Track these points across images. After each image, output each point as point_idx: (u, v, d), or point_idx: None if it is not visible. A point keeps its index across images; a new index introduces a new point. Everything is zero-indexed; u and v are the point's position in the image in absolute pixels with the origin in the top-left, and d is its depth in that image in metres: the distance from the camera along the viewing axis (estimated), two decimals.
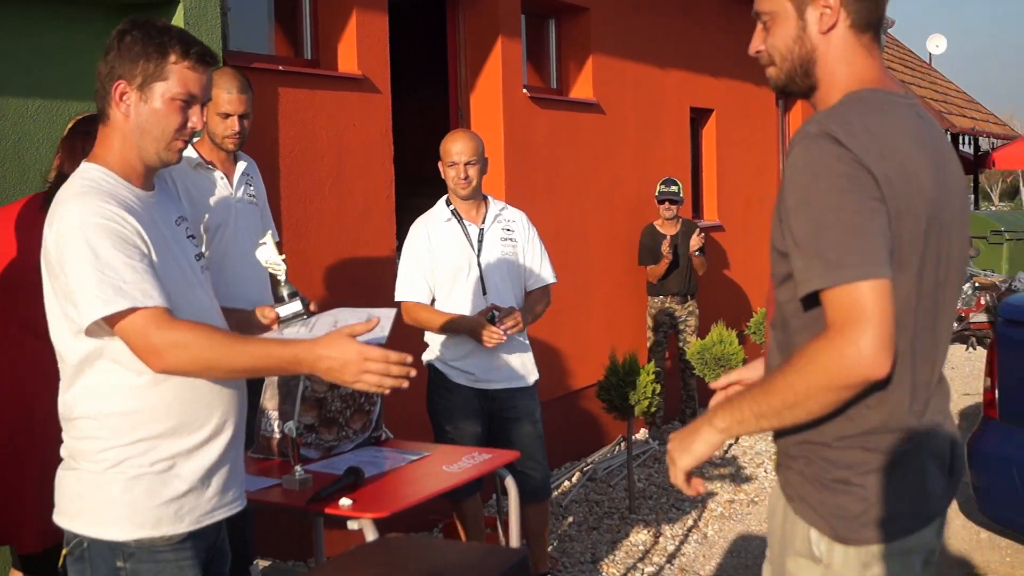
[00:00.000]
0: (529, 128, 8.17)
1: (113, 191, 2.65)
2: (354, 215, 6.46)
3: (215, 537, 2.89)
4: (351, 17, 6.58)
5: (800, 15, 2.45)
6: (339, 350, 2.60)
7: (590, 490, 7.92)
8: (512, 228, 5.41)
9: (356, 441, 4.16)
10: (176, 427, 2.69)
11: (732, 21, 11.56)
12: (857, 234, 2.13)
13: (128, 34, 2.68)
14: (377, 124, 6.72)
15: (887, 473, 2.27)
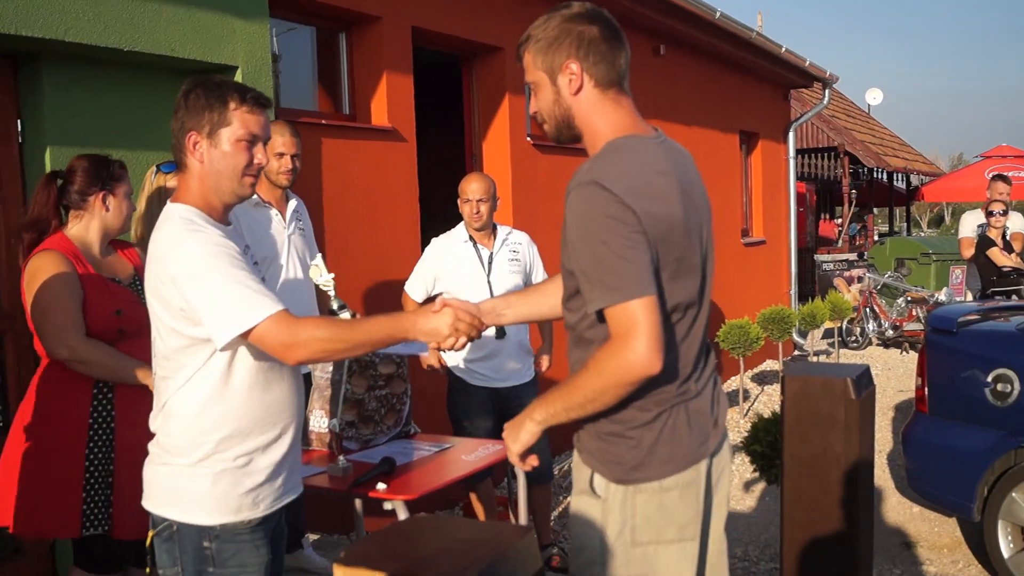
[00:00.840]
0: (533, 170, 8.20)
1: (206, 224, 2.66)
2: (384, 244, 6.49)
3: (279, 518, 2.90)
4: (382, 78, 6.62)
5: (553, 82, 2.55)
6: (433, 320, 2.67)
7: None
8: (518, 249, 5.44)
9: (389, 435, 4.17)
10: (252, 428, 2.70)
11: (701, 81, 11.63)
12: (626, 262, 2.27)
13: (192, 92, 2.68)
14: (404, 168, 6.75)
15: (650, 428, 2.42)
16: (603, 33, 2.53)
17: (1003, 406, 5.35)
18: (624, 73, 2.58)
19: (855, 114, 23.36)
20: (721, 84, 12.26)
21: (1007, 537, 5.36)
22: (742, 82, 12.97)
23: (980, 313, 6.15)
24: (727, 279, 12.18)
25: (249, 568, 2.72)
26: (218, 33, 5.15)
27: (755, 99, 13.58)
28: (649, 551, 2.44)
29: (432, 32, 7.09)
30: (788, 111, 15.15)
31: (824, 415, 4.21)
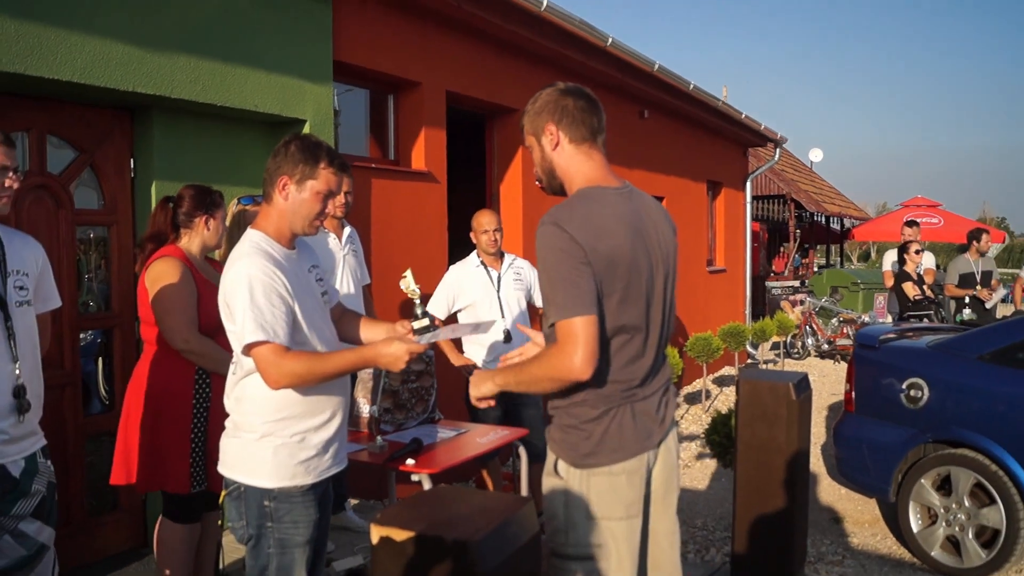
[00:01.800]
0: (541, 208, 8.19)
1: (268, 250, 2.71)
2: (420, 264, 6.47)
3: (327, 485, 2.92)
4: (421, 130, 6.64)
5: (539, 142, 2.61)
6: (391, 348, 2.67)
7: None
8: (520, 273, 5.44)
9: (418, 420, 4.18)
10: (307, 411, 2.74)
11: (677, 139, 11.63)
12: (572, 286, 2.32)
13: (292, 144, 2.76)
14: (436, 203, 6.76)
15: (599, 423, 2.45)
16: (577, 103, 2.58)
17: (915, 408, 5.34)
18: (596, 132, 2.60)
19: (800, 168, 23.32)
20: (693, 142, 12.27)
21: (916, 515, 5.33)
22: (710, 140, 12.98)
23: (897, 332, 6.14)
24: (694, 300, 12.16)
25: (300, 524, 2.75)
26: (292, 93, 5.19)
27: (720, 154, 13.59)
28: (603, 524, 2.46)
29: (462, 95, 7.12)
30: (746, 165, 15.14)
31: (770, 412, 4.21)
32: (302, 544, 2.76)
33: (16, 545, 2.70)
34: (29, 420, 2.74)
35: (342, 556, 4.52)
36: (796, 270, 21.11)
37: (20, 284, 2.78)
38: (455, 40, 6.92)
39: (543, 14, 7.03)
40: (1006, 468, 4.92)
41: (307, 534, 2.77)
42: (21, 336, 2.73)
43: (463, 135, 8.70)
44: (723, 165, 13.77)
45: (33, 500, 2.75)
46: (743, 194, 14.75)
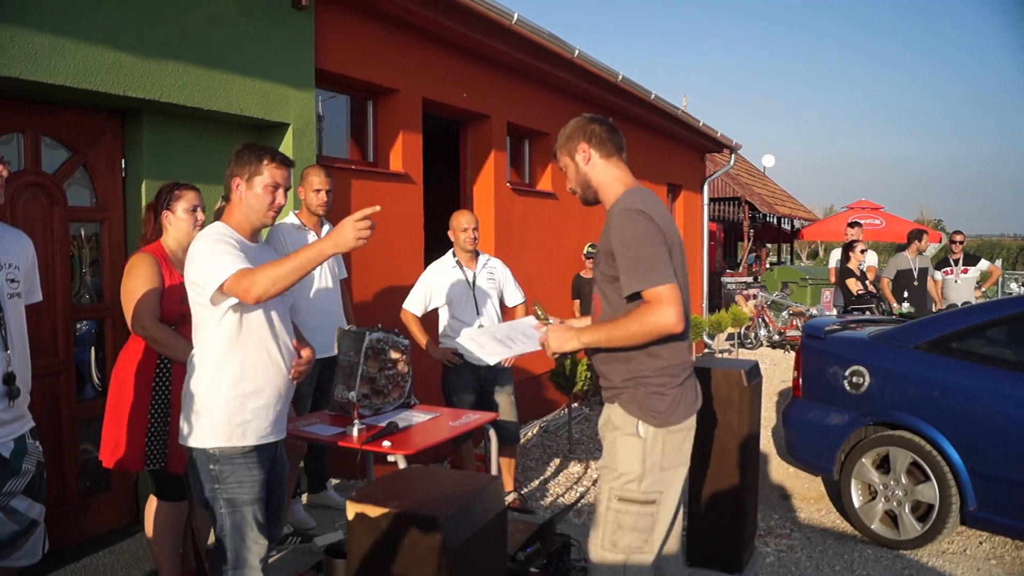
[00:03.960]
0: (510, 209, 8.19)
1: (227, 234, 2.86)
2: (398, 261, 6.47)
3: (273, 452, 2.99)
4: (399, 134, 6.60)
5: (573, 160, 2.93)
6: (336, 231, 2.71)
7: (544, 438, 7.91)
8: (493, 272, 5.42)
9: (395, 405, 4.14)
10: (242, 376, 2.83)
11: (640, 145, 11.64)
12: (659, 261, 2.61)
13: (240, 151, 2.96)
14: (413, 204, 6.73)
15: (678, 389, 2.78)
16: (601, 127, 2.90)
17: (857, 394, 5.38)
18: (620, 148, 2.93)
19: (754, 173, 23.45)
20: (655, 147, 12.29)
21: (857, 491, 5.38)
22: (670, 146, 13.01)
23: (842, 324, 6.19)
24: None
25: (245, 484, 2.84)
26: (276, 98, 5.14)
27: (679, 159, 13.63)
28: (668, 473, 2.77)
29: (438, 102, 7.08)
30: (704, 169, 15.20)
31: (724, 397, 4.21)
32: (250, 502, 2.83)
33: (8, 521, 2.72)
34: (19, 405, 2.75)
35: (324, 532, 4.49)
36: (750, 267, 21.25)
37: (12, 277, 2.78)
38: (431, 50, 6.89)
39: (514, 27, 7.00)
40: (939, 448, 4.97)
41: (253, 493, 2.84)
42: (12, 326, 2.72)
43: (439, 140, 8.67)
44: (682, 169, 13.81)
45: (24, 479, 2.77)
46: (701, 196, 14.81)
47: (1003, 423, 4.73)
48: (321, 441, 3.74)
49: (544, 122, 8.89)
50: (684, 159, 13.92)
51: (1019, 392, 4.73)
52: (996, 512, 4.79)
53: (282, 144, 5.31)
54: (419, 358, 5.29)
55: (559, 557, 3.93)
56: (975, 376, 4.93)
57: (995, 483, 4.77)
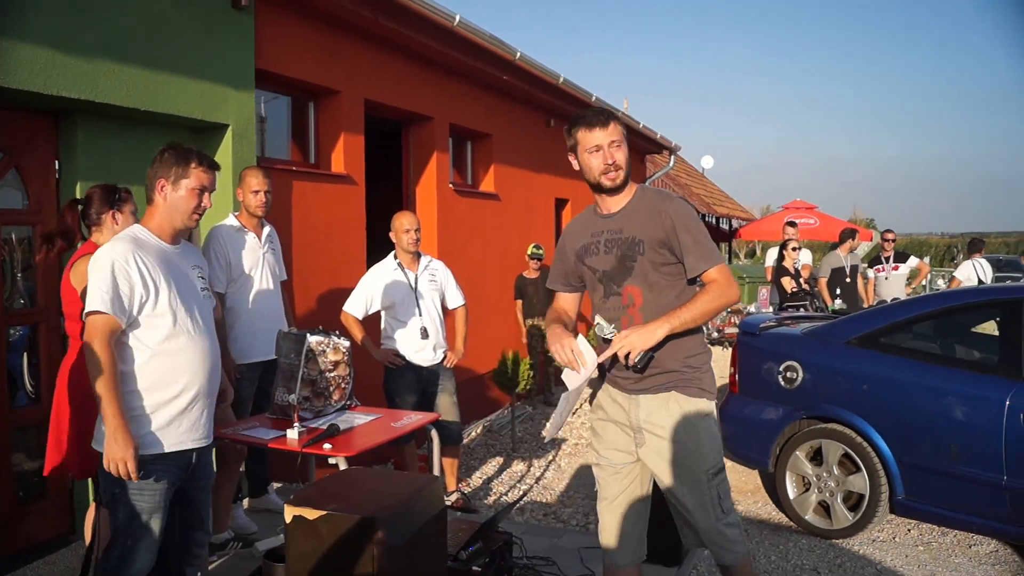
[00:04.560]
0: (453, 210, 8.18)
1: (141, 237, 2.83)
2: (339, 262, 6.41)
3: (188, 460, 2.92)
4: (340, 135, 6.55)
5: (626, 143, 2.93)
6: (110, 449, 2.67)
7: (488, 438, 7.92)
8: (435, 274, 5.41)
9: (336, 407, 4.11)
10: (155, 385, 2.78)
11: None
12: (711, 242, 2.83)
13: (166, 151, 2.92)
14: (355, 205, 6.68)
15: (711, 367, 3.00)
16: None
17: (791, 389, 5.49)
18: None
19: (693, 174, 23.76)
20: None
21: (792, 483, 5.49)
22: None
23: (777, 321, 6.30)
24: None
25: (146, 492, 2.78)
26: (215, 99, 5.06)
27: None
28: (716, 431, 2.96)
29: (380, 104, 7.04)
30: (644, 170, 15.36)
31: None
32: (150, 511, 2.79)
33: None
34: None
35: (265, 537, 4.43)
36: None
37: None
38: (373, 51, 6.84)
39: (455, 29, 7.00)
40: (870, 440, 5.10)
41: (154, 502, 2.79)
42: None
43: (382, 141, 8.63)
44: None
45: None
46: None
47: (929, 414, 4.87)
48: (260, 445, 3.69)
49: (486, 123, 8.90)
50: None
51: (943, 384, 4.87)
52: (923, 500, 4.94)
53: (221, 145, 5.23)
54: (361, 360, 5.26)
55: (501, 555, 3.94)
56: (902, 370, 5.07)
57: (921, 472, 4.91)
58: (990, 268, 10.92)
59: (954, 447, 4.73)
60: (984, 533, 4.87)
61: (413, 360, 5.25)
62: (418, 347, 5.25)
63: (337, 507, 2.04)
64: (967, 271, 10.69)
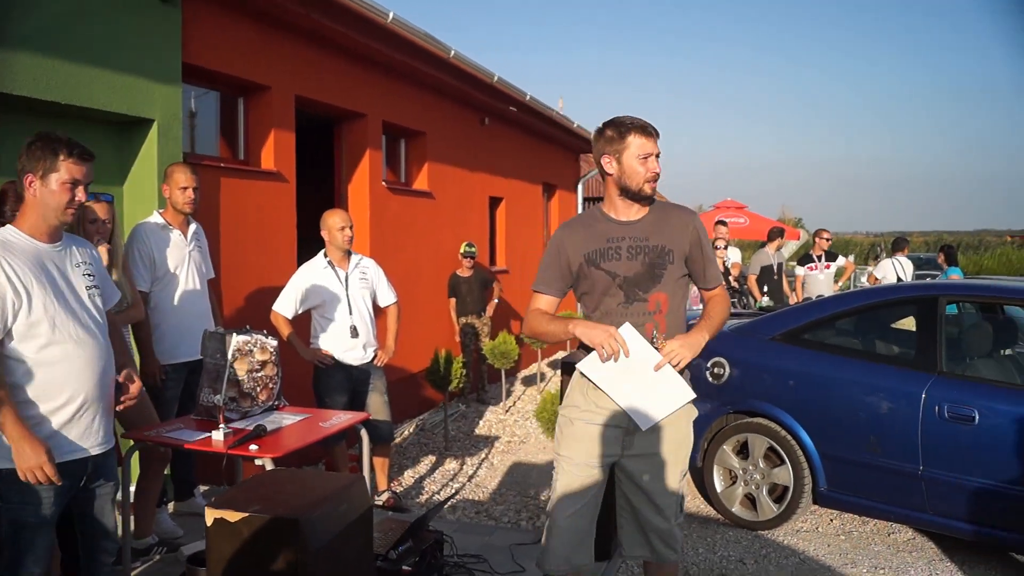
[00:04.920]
0: (386, 208, 8.12)
1: (11, 239, 2.66)
2: (269, 261, 6.32)
3: (83, 470, 2.78)
4: (271, 132, 6.45)
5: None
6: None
7: (421, 436, 7.89)
8: (366, 272, 5.37)
9: (264, 407, 4.04)
10: (38, 396, 2.64)
11: (516, 145, 11.76)
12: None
13: (32, 143, 2.71)
14: (285, 202, 6.58)
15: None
16: None
17: (718, 384, 5.58)
18: None
19: None
20: (530, 147, 12.43)
21: (719, 477, 5.59)
22: (546, 147, 13.19)
23: None
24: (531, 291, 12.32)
25: (30, 505, 2.64)
26: (140, 93, 4.93)
27: (555, 159, 13.83)
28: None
29: (312, 100, 6.95)
30: (578, 169, 15.47)
31: None
32: (35, 525, 2.66)
33: None
34: None
35: (192, 541, 4.34)
36: None
37: None
38: (305, 47, 6.75)
39: (389, 26, 6.94)
40: (794, 434, 5.22)
41: (40, 513, 2.66)
42: None
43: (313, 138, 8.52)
44: (557, 169, 14.02)
45: None
46: (576, 196, 15.07)
47: (849, 408, 5.01)
48: (184, 447, 3.61)
49: (421, 122, 8.85)
50: (559, 159, 14.12)
51: (863, 379, 5.01)
52: (844, 491, 5.07)
53: (147, 141, 5.11)
54: (290, 360, 5.19)
55: (432, 554, 3.92)
56: (824, 365, 5.20)
57: (842, 464, 5.04)
58: (911, 266, 11.28)
59: (873, 439, 4.87)
60: (902, 521, 5.03)
61: (343, 359, 5.20)
62: (348, 346, 5.20)
63: (259, 508, 2.01)
64: (886, 269, 11.02)
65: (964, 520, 4.62)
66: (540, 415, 6.28)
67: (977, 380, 4.80)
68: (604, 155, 2.93)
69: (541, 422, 6.34)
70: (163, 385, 4.40)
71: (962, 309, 6.30)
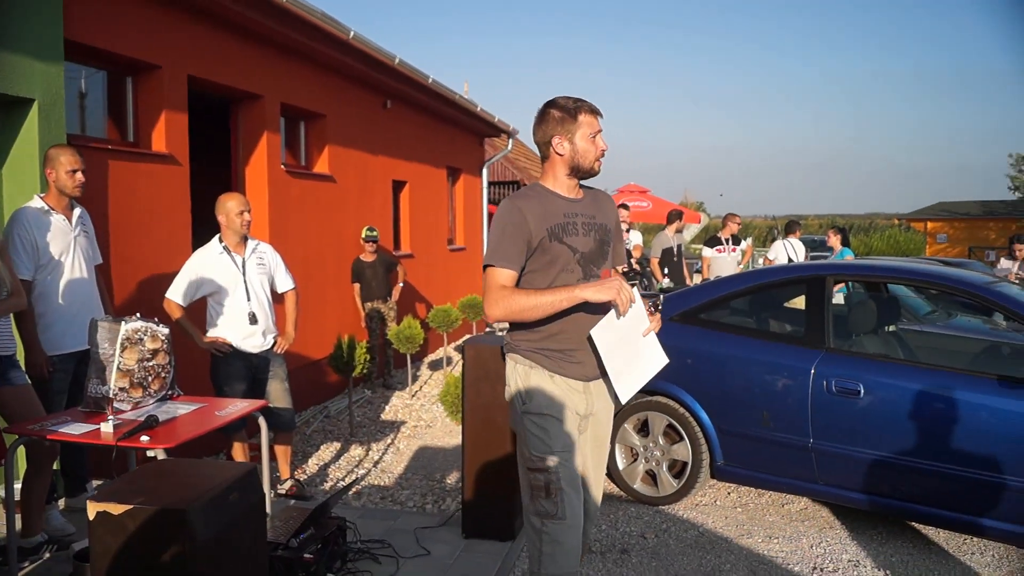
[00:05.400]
0: (286, 192, 7.95)
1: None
2: (162, 246, 6.11)
3: None
4: (162, 113, 6.22)
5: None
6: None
7: (326, 424, 7.78)
8: (263, 257, 5.26)
9: (156, 397, 3.92)
10: None
11: (419, 128, 11.65)
12: None
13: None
14: (178, 186, 6.37)
15: None
16: None
17: None
18: None
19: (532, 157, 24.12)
20: (434, 131, 12.35)
21: (621, 455, 5.69)
22: (450, 130, 13.12)
23: None
24: (437, 275, 12.30)
25: None
26: (19, 71, 4.68)
27: (459, 143, 13.78)
28: None
29: (206, 80, 6.73)
30: (483, 153, 15.46)
31: (492, 373, 4.32)
32: None
33: None
34: None
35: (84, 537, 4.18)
36: None
37: None
38: (199, 26, 6.53)
39: (284, 5, 6.78)
40: (691, 411, 5.36)
41: None
42: None
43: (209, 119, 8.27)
44: (462, 153, 13.97)
45: None
46: (480, 180, 15.05)
47: (743, 385, 5.17)
48: (71, 440, 3.47)
49: (321, 104, 8.69)
50: (463, 143, 14.08)
51: (756, 356, 5.18)
52: (740, 465, 5.24)
53: (26, 121, 4.86)
54: (188, 349, 5.05)
55: (334, 540, 3.89)
56: (720, 344, 5.35)
57: (738, 439, 5.21)
58: (803, 248, 11.69)
59: (766, 414, 5.04)
60: (795, 492, 5.22)
61: (241, 347, 5.09)
62: (246, 333, 5.09)
63: (144, 500, 1.95)
64: (778, 251, 11.41)
65: (853, 489, 4.83)
66: (444, 399, 6.28)
67: (862, 356, 5.02)
68: (555, 136, 2.91)
69: (445, 405, 6.33)
70: (50, 377, 4.23)
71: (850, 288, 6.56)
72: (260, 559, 2.23)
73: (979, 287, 4.95)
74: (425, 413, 8.25)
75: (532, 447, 2.88)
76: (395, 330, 8.99)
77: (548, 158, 2.97)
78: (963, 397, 4.47)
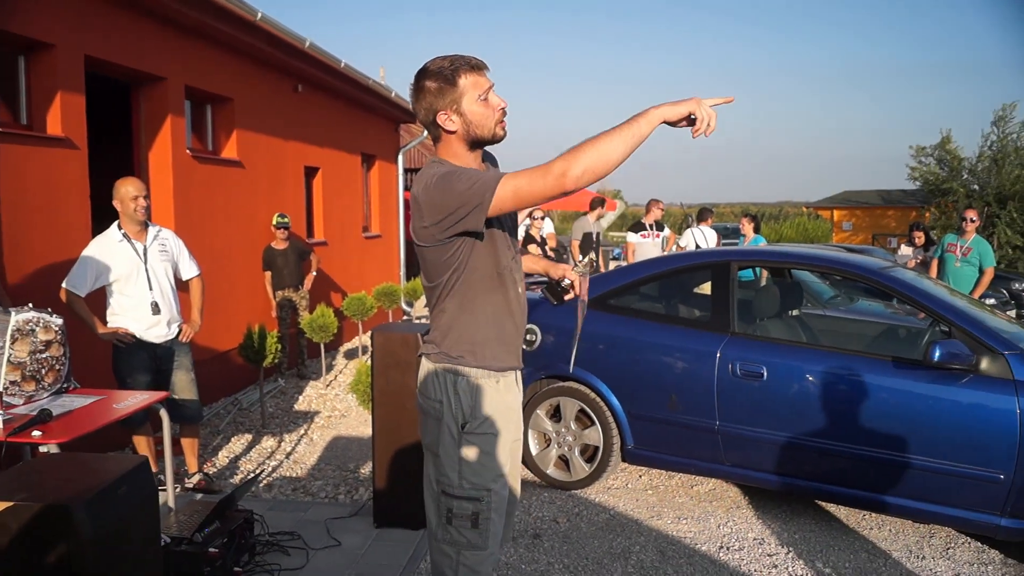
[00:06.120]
0: (192, 177, 7.72)
1: None
2: (59, 234, 5.87)
3: None
4: (57, 93, 5.96)
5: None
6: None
7: (238, 415, 7.62)
8: (165, 244, 5.10)
9: (51, 391, 3.77)
10: None
11: (332, 113, 11.47)
12: None
13: None
14: (76, 171, 6.12)
15: None
16: None
17: (531, 350, 5.71)
18: None
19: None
20: (347, 116, 12.16)
21: (534, 440, 5.73)
22: (364, 116, 12.94)
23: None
24: (351, 263, 12.15)
25: None
26: None
27: (374, 129, 13.61)
28: None
29: (104, 61, 6.48)
30: (398, 140, 15.31)
31: (402, 360, 4.30)
32: None
33: None
34: None
35: None
36: None
37: None
38: (96, 4, 6.27)
39: None
40: (602, 396, 5.43)
41: None
42: None
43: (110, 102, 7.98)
44: (376, 139, 13.81)
45: None
46: (396, 166, 14.91)
47: (652, 369, 5.26)
48: None
49: (228, 87, 8.46)
50: (378, 129, 13.92)
51: (664, 341, 5.27)
52: (650, 448, 5.33)
53: None
54: (88, 340, 4.87)
55: (241, 534, 3.82)
56: (630, 329, 5.42)
57: (647, 423, 5.30)
58: (714, 235, 11.93)
59: (674, 398, 5.14)
60: (703, 474, 5.34)
61: (144, 337, 4.94)
62: (149, 323, 4.94)
63: (26, 496, 1.87)
64: (688, 238, 11.63)
65: (758, 470, 4.97)
66: (355, 387, 6.22)
67: (766, 340, 5.16)
68: (439, 112, 2.38)
69: (357, 395, 6.27)
70: None
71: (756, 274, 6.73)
72: (154, 556, 2.16)
73: (875, 273, 5.14)
74: (339, 403, 8.16)
75: (467, 474, 2.42)
76: (308, 319, 8.86)
77: (440, 139, 2.45)
78: (862, 379, 4.63)
